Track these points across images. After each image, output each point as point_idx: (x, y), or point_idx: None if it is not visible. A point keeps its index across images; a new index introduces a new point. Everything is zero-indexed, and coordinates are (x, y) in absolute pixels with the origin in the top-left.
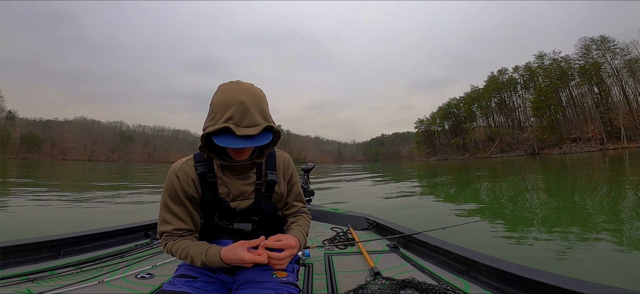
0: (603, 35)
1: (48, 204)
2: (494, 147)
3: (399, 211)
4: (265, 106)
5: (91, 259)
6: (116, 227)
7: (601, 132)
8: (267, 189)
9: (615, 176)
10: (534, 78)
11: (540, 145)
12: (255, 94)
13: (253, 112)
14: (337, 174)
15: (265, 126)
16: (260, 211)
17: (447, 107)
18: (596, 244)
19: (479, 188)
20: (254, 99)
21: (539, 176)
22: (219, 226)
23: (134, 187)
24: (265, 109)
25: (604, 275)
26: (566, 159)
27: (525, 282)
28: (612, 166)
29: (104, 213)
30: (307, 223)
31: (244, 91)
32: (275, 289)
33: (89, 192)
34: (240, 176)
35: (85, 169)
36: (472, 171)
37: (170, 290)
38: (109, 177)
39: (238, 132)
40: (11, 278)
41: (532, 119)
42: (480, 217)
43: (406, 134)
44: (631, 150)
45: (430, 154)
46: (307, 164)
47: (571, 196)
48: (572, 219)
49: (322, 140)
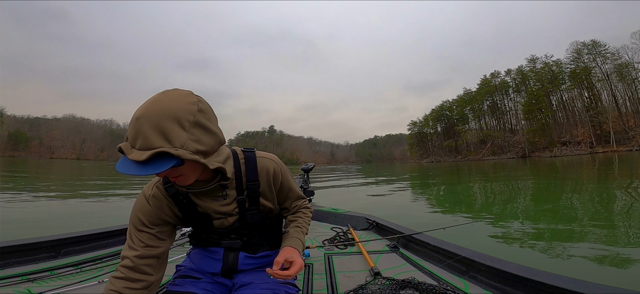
0: (594, 40)
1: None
2: (485, 149)
3: (398, 211)
4: (170, 123)
5: (91, 259)
6: (116, 227)
7: (591, 135)
8: (251, 203)
9: (607, 179)
10: (526, 81)
11: (531, 148)
12: (160, 108)
13: (147, 132)
14: (332, 176)
15: (156, 152)
16: (247, 226)
17: (440, 110)
18: (596, 243)
19: (477, 190)
20: (154, 115)
21: (533, 178)
22: (208, 240)
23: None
24: (169, 128)
25: (604, 275)
26: (557, 162)
27: (525, 282)
28: (604, 169)
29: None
30: (307, 220)
31: (148, 104)
32: (274, 290)
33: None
34: (215, 198)
35: (74, 168)
36: (465, 173)
37: (175, 290)
38: (98, 177)
39: (128, 156)
40: (11, 278)
41: (523, 122)
42: (480, 218)
43: (399, 136)
44: (620, 153)
45: (423, 156)
46: (307, 164)
47: (568, 197)
48: (572, 219)
49: (315, 141)
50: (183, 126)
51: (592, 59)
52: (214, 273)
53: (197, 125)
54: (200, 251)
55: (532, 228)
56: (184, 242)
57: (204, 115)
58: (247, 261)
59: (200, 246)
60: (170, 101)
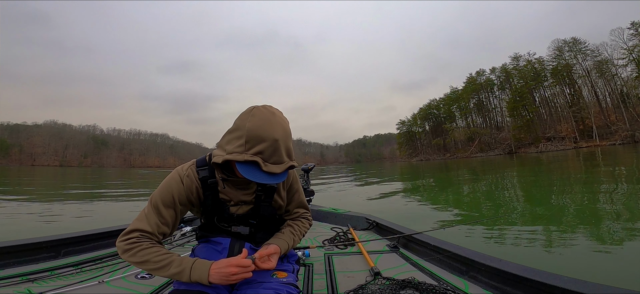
0: (575, 37)
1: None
2: (473, 147)
3: (398, 211)
4: (291, 142)
5: (91, 259)
6: (116, 227)
7: (574, 131)
8: (267, 195)
9: (597, 174)
10: (510, 79)
11: (517, 144)
12: (286, 131)
13: (281, 151)
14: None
15: (289, 165)
16: (258, 216)
17: (428, 108)
18: (596, 244)
19: (472, 189)
20: (285, 136)
21: (525, 176)
22: (218, 228)
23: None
24: (291, 146)
25: (604, 274)
26: (543, 157)
27: (525, 282)
28: (590, 163)
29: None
30: (304, 228)
31: (279, 127)
32: (275, 290)
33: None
34: (242, 187)
35: (57, 175)
36: (456, 172)
37: (183, 289)
38: (83, 185)
39: (264, 168)
40: (11, 278)
41: (509, 119)
42: (480, 218)
43: (388, 135)
44: (603, 148)
45: (412, 154)
46: (307, 164)
47: (563, 195)
48: (571, 218)
49: (304, 142)
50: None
51: (573, 56)
52: None
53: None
54: (206, 245)
55: (531, 227)
56: (184, 242)
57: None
58: (251, 254)
59: (207, 237)
60: (287, 123)
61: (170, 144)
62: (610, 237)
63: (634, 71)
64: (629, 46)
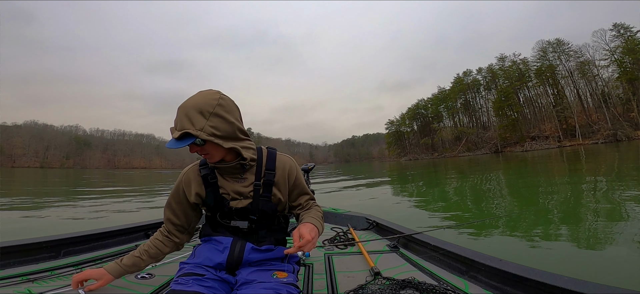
0: (558, 39)
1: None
2: (461, 146)
3: (398, 211)
4: (195, 112)
5: (91, 259)
6: (116, 227)
7: (558, 130)
8: (265, 189)
9: (585, 171)
10: (496, 79)
11: (503, 143)
12: (196, 101)
13: (181, 118)
14: None
15: (182, 132)
16: (258, 211)
17: (416, 108)
18: (596, 243)
19: (468, 188)
20: (189, 105)
21: (514, 175)
22: (221, 224)
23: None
24: (193, 115)
25: (604, 274)
26: (528, 156)
27: (526, 282)
28: (574, 162)
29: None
30: (321, 216)
31: (191, 99)
32: (275, 289)
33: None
34: (236, 178)
35: (38, 176)
36: (443, 171)
37: (180, 289)
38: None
39: (172, 135)
40: (11, 278)
41: (495, 118)
42: (479, 218)
43: (376, 135)
44: (586, 147)
45: (401, 154)
46: (307, 164)
47: (557, 193)
48: (571, 219)
49: (293, 142)
50: (204, 114)
51: (557, 57)
52: (218, 267)
53: (215, 115)
54: (207, 244)
55: (532, 227)
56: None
57: (223, 108)
58: (252, 254)
59: (209, 234)
60: (199, 96)
61: (157, 145)
62: (610, 237)
63: (615, 72)
64: (611, 47)
